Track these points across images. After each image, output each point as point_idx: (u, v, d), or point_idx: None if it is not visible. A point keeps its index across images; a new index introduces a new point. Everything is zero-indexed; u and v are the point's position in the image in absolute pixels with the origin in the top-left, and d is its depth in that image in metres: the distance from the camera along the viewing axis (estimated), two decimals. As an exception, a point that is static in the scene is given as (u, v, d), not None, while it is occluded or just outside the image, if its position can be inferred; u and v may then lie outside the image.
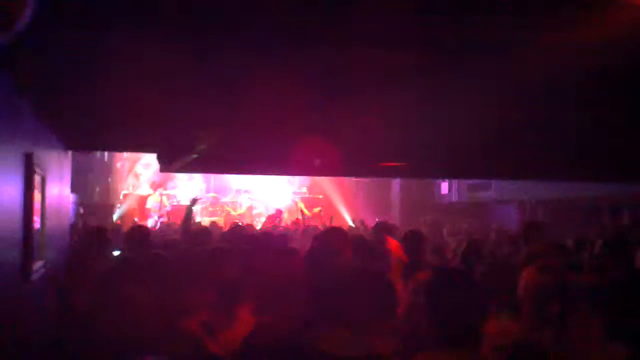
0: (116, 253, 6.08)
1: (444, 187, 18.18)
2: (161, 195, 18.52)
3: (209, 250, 4.10)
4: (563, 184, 12.23)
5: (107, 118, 5.18)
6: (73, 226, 9.53)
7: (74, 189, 9.13)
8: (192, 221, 11.84)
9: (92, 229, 6.38)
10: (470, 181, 16.35)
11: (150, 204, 18.74)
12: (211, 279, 3.28)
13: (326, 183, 19.73)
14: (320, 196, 20.00)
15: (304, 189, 20.56)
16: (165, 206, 18.02)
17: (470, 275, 2.98)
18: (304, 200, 19.71)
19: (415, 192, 18.59)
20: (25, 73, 3.50)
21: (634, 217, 11.95)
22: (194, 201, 7.35)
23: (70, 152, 7.42)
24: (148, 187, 19.17)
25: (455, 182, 17.52)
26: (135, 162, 19.35)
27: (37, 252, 4.66)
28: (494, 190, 15.59)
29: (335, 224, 12.38)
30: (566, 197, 13.34)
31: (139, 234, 5.57)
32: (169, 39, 2.86)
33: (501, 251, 7.62)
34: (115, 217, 16.56)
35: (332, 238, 3.75)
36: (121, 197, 18.64)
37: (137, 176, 19.77)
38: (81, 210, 14.00)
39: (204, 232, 6.00)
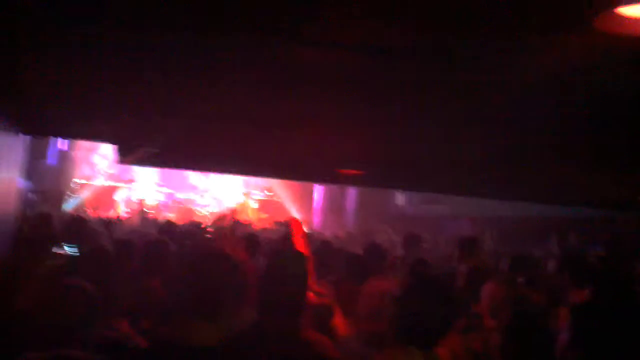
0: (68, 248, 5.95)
1: (400, 198, 18.34)
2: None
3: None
4: (515, 202, 12.49)
5: (64, 103, 5.09)
6: (23, 214, 9.32)
7: (24, 175, 8.91)
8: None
9: (39, 219, 6.23)
10: (424, 194, 16.52)
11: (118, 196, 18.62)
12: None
13: (286, 185, 19.73)
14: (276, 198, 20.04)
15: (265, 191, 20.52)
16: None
17: (443, 283, 3.10)
18: (262, 201, 19.77)
19: (371, 200, 18.69)
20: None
21: (580, 239, 12.28)
22: None
23: (22, 137, 7.26)
24: (108, 179, 18.95)
25: (410, 193, 17.68)
26: (91, 151, 19.02)
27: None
28: (447, 204, 15.79)
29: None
30: (518, 216, 13.62)
31: (75, 225, 5.50)
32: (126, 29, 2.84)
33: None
34: (69, 206, 16.27)
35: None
36: (75, 185, 18.32)
37: (92, 166, 19.43)
38: (33, 197, 13.71)
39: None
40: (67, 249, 5.85)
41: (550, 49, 2.60)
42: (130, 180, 19.03)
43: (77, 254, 5.47)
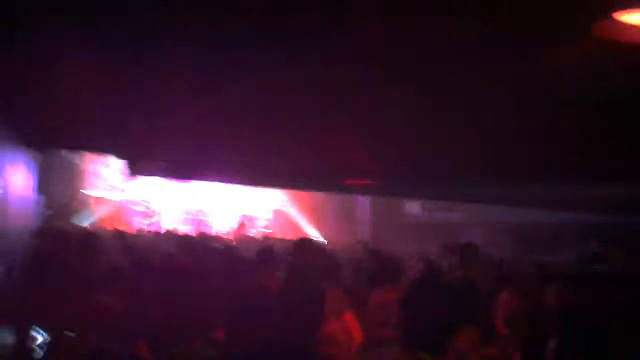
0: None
1: (413, 206, 18.27)
2: None
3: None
4: (529, 208, 12.41)
5: (75, 118, 5.11)
6: (36, 228, 9.34)
7: (40, 190, 8.97)
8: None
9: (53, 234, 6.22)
10: (437, 202, 16.46)
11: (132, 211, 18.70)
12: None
13: (296, 195, 19.71)
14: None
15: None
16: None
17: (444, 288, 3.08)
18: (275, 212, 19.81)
19: (384, 210, 18.62)
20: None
21: (602, 247, 12.13)
22: None
23: (34, 154, 7.30)
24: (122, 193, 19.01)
25: (423, 201, 17.63)
26: (101, 164, 19.08)
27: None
28: (459, 211, 15.72)
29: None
30: (532, 222, 13.52)
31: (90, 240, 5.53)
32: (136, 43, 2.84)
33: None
34: (85, 221, 16.33)
35: None
36: (89, 200, 18.38)
37: (103, 179, 19.49)
38: (48, 212, 13.77)
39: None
40: None
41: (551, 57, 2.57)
42: (145, 202, 19.04)
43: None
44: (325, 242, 14.89)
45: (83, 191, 18.40)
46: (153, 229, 16.24)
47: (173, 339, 3.27)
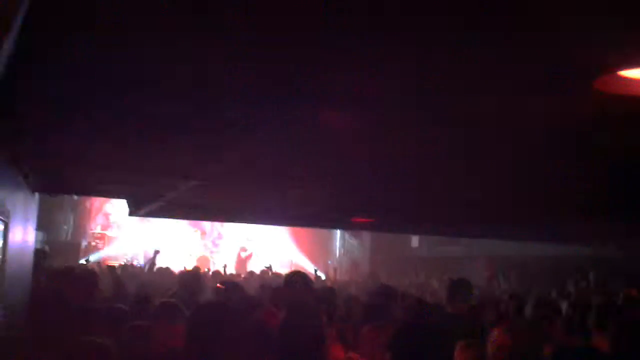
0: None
1: (415, 240, 18.24)
2: None
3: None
4: (532, 242, 12.41)
5: (76, 164, 5.16)
6: (37, 266, 9.33)
7: (40, 227, 8.98)
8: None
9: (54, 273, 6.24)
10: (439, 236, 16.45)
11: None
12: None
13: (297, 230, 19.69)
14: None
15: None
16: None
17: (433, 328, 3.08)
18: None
19: (386, 244, 18.59)
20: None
21: (599, 279, 12.09)
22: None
23: (37, 194, 7.34)
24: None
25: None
26: (104, 202, 19.12)
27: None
28: (462, 245, 15.70)
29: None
30: (534, 255, 13.49)
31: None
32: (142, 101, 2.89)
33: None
34: (91, 258, 16.29)
35: None
36: (91, 237, 18.37)
37: (107, 216, 19.51)
38: (46, 248, 13.74)
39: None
40: None
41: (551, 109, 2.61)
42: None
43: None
44: (324, 277, 14.87)
45: (85, 227, 18.44)
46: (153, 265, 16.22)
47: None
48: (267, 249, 19.67)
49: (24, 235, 6.32)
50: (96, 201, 18.94)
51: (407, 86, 2.58)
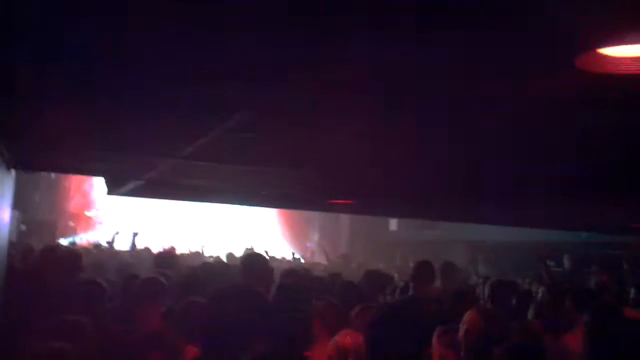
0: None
1: (393, 223, 18.35)
2: None
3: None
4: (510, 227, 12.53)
5: (52, 139, 5.08)
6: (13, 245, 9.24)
7: (16, 205, 8.86)
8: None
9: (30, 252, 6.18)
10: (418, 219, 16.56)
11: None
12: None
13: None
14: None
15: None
16: None
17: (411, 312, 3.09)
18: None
19: (365, 226, 18.68)
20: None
21: (574, 263, 12.26)
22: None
23: (13, 171, 7.22)
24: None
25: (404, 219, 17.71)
26: (82, 181, 18.95)
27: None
28: (440, 229, 15.82)
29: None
30: (512, 241, 13.64)
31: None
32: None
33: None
34: (63, 238, 16.17)
35: None
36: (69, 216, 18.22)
37: (85, 195, 19.37)
38: (22, 228, 13.61)
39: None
40: None
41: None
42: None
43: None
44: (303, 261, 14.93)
45: (62, 207, 18.27)
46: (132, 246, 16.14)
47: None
48: (248, 230, 19.70)
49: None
50: (74, 180, 18.78)
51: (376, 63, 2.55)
